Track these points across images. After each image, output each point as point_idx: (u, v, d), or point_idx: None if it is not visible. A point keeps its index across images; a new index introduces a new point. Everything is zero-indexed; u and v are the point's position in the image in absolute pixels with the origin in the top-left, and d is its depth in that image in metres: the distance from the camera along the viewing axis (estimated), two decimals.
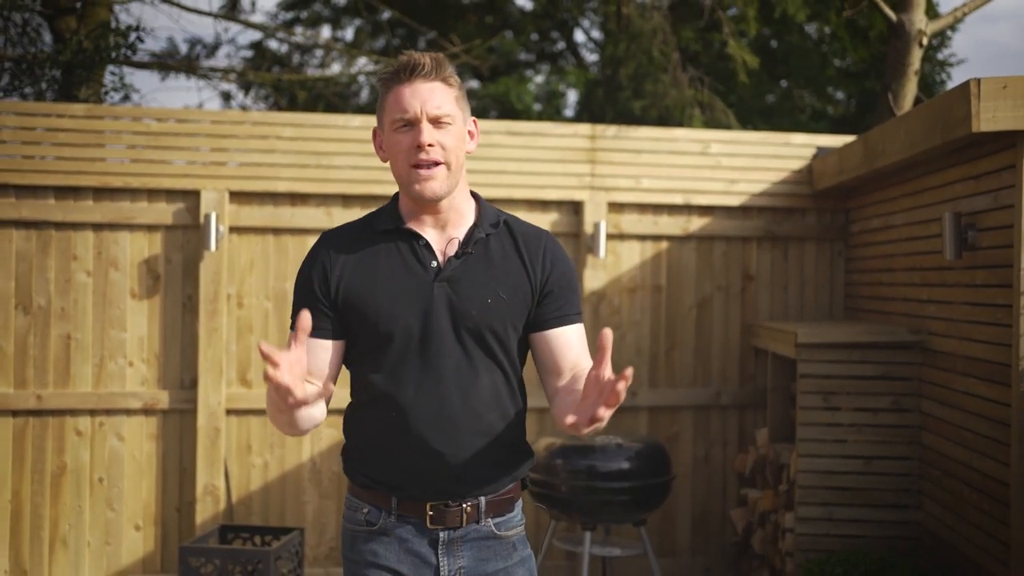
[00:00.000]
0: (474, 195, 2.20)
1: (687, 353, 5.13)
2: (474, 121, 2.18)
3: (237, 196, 4.80)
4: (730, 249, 5.17)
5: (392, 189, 4.82)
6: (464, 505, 2.10)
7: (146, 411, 4.72)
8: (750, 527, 4.83)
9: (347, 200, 4.88)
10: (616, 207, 5.06)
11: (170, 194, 4.75)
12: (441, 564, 2.10)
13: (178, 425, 4.75)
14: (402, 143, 2.06)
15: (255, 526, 4.53)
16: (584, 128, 5.09)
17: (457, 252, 2.10)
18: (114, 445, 4.71)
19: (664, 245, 5.12)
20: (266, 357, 1.80)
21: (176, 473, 4.76)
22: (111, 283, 4.72)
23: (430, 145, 2.04)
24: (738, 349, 5.17)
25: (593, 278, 5.00)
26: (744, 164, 5.13)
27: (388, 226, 2.14)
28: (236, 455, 4.80)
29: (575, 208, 5.03)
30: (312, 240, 4.84)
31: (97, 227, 4.71)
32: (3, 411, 4.60)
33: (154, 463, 4.74)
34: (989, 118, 3.17)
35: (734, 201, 5.12)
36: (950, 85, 11.19)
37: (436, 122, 2.05)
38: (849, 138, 5.08)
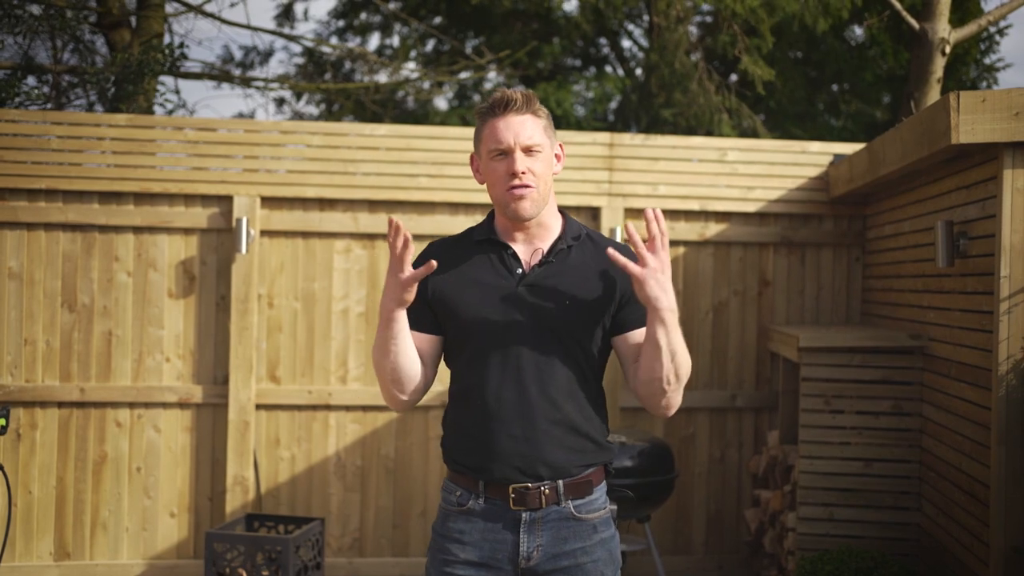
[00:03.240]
0: (561, 212, 2.47)
1: (704, 356, 5.24)
2: (560, 145, 2.45)
3: (268, 201, 5.04)
4: (747, 255, 5.28)
5: (416, 196, 5.06)
6: (543, 487, 2.31)
7: (181, 405, 4.99)
8: (762, 527, 4.93)
9: (373, 205, 5.09)
10: (633, 213, 5.20)
11: (205, 199, 5.02)
12: (521, 542, 2.33)
13: (211, 418, 5.01)
14: (498, 170, 2.34)
15: (280, 515, 4.77)
16: (603, 136, 5.24)
17: (540, 261, 2.37)
18: (151, 436, 4.98)
19: (681, 250, 5.24)
20: (395, 227, 2.17)
21: (208, 464, 5.02)
22: (150, 283, 5.00)
23: (523, 172, 2.32)
24: (754, 353, 5.27)
25: None
26: (761, 171, 5.24)
27: (482, 237, 2.43)
28: (265, 448, 5.04)
29: (593, 214, 5.18)
30: (338, 243, 5.11)
31: (137, 230, 4.99)
32: (49, 402, 4.90)
33: (188, 454, 5.00)
34: (968, 130, 3.27)
35: (751, 208, 5.23)
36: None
37: (527, 151, 2.33)
38: (861, 146, 5.15)
